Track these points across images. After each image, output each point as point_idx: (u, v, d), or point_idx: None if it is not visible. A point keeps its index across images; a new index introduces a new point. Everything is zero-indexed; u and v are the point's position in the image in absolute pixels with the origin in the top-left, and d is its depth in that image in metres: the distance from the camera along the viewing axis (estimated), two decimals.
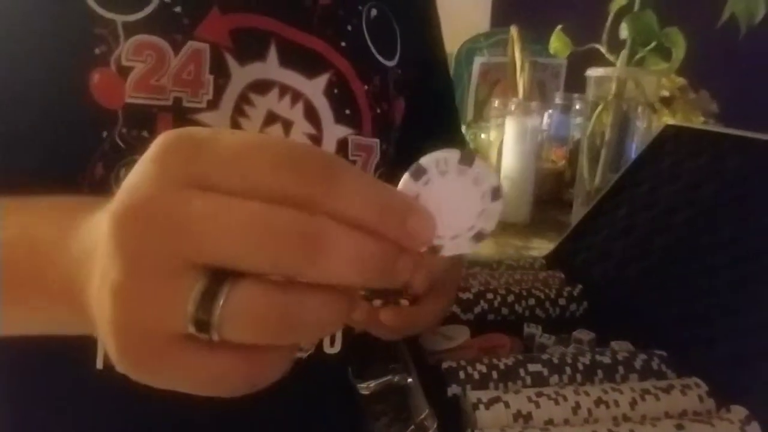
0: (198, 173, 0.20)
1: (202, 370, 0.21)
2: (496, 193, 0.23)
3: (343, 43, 0.47)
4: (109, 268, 0.20)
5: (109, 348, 0.21)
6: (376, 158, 0.50)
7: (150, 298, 0.20)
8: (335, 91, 0.47)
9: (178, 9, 0.40)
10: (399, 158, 0.53)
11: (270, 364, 0.22)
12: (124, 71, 0.38)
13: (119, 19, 0.39)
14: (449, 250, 0.24)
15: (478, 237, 0.24)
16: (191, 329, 0.20)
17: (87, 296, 0.23)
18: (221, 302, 0.19)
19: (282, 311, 0.20)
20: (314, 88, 0.45)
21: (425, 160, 0.22)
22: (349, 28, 0.49)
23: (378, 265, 0.21)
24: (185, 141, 0.21)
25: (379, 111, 0.50)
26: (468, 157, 0.22)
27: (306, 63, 0.46)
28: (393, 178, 0.23)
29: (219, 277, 0.20)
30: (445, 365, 0.47)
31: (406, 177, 0.22)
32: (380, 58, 0.51)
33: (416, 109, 0.57)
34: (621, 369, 0.48)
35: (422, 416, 0.43)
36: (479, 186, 0.23)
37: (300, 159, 0.20)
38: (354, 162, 0.50)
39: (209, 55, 0.41)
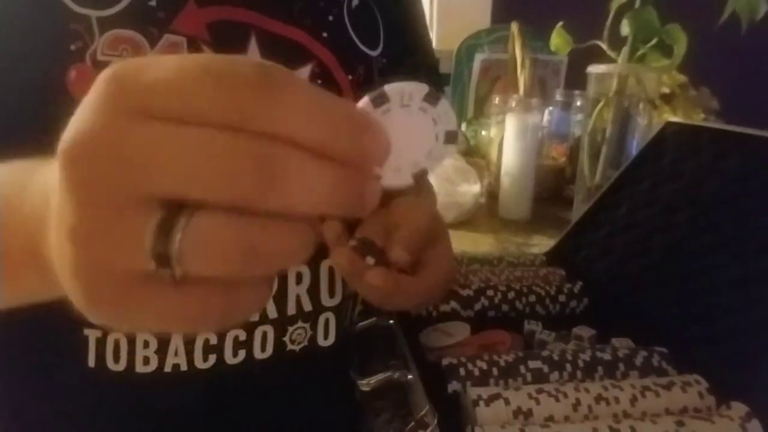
0: (140, 102, 0.19)
1: (169, 307, 0.20)
2: (450, 136, 0.23)
3: (324, 34, 0.47)
4: (64, 210, 0.20)
5: (74, 295, 0.21)
6: None
7: (107, 234, 0.19)
8: (318, 81, 0.47)
9: (152, 2, 0.40)
10: None
11: (239, 299, 0.21)
12: (100, 66, 0.38)
13: (94, 14, 0.39)
14: (388, 180, 0.23)
15: (419, 175, 0.23)
16: (152, 265, 0.19)
17: (47, 247, 0.23)
18: (179, 233, 0.19)
19: (242, 239, 0.19)
20: None
21: (390, 89, 0.21)
22: (331, 18, 0.49)
23: (339, 190, 0.20)
24: (125, 71, 0.20)
25: None
26: (433, 96, 0.22)
27: (288, 54, 0.45)
28: None
29: (176, 208, 0.19)
30: (445, 362, 0.47)
31: (366, 100, 0.21)
32: (363, 48, 0.51)
33: None
34: (621, 366, 0.48)
35: (422, 413, 0.43)
36: (436, 126, 0.22)
37: (242, 77, 0.19)
38: None
39: (186, 49, 0.41)
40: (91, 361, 0.42)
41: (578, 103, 1.24)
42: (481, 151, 1.28)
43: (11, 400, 0.46)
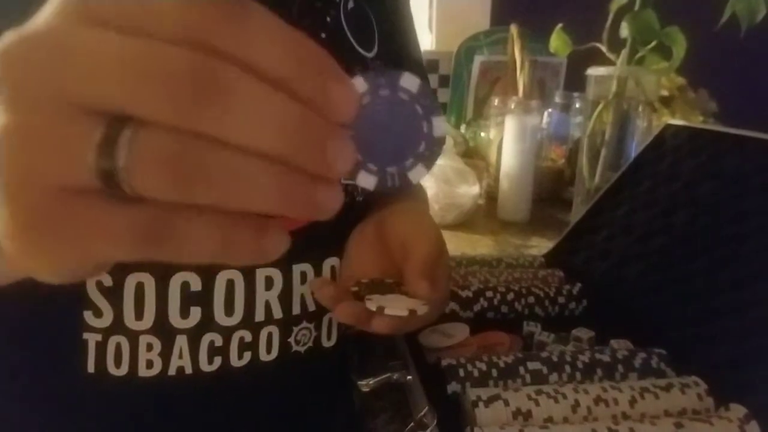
0: (90, 9, 0.18)
1: (117, 226, 0.18)
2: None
3: (322, 35, 0.47)
4: (0, 113, 0.18)
5: (3, 218, 0.18)
6: None
7: (44, 142, 0.18)
8: None
9: None
10: None
11: (195, 227, 0.19)
12: None
13: None
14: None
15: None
16: (97, 182, 0.18)
17: None
18: (125, 147, 0.17)
19: (191, 154, 0.18)
20: None
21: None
22: (328, 19, 0.49)
23: (298, 124, 0.18)
24: None
25: None
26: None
27: None
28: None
29: (121, 122, 0.18)
30: (444, 363, 0.47)
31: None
32: (360, 50, 0.51)
33: None
34: (620, 367, 0.48)
35: (422, 413, 0.43)
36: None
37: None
38: None
39: None
40: (91, 366, 0.42)
41: (577, 105, 1.25)
42: (480, 153, 1.28)
43: (7, 407, 0.45)
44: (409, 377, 0.48)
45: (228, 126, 0.18)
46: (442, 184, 1.01)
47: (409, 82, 0.21)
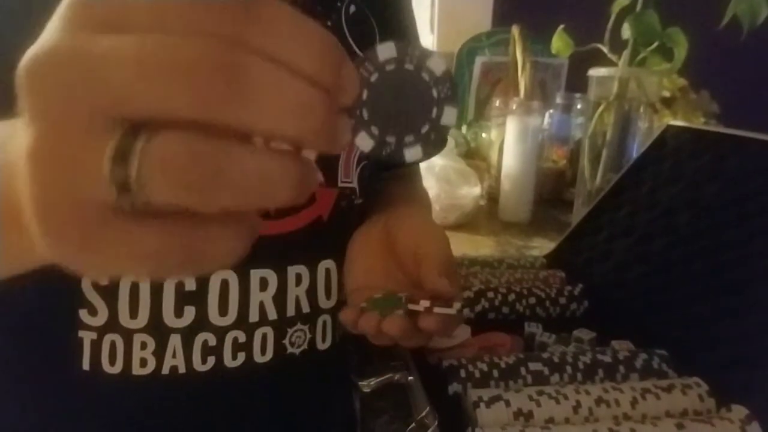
0: (105, 13, 0.18)
1: (136, 244, 0.18)
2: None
3: None
4: (27, 133, 0.18)
5: (37, 230, 0.19)
6: (359, 152, 0.50)
7: (68, 156, 0.18)
8: None
9: None
10: None
11: (206, 237, 0.19)
12: None
13: None
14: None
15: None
16: (114, 193, 0.18)
17: (20, 195, 0.20)
18: (137, 155, 0.17)
19: (206, 160, 0.17)
20: None
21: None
22: (329, 24, 0.49)
23: (317, 113, 0.19)
24: None
25: None
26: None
27: None
28: (375, 173, 0.22)
29: (136, 129, 0.17)
30: (446, 363, 0.47)
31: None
32: (361, 54, 0.51)
33: None
34: (622, 368, 0.48)
35: (423, 414, 0.43)
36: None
37: None
38: (336, 156, 0.50)
39: None
40: (86, 364, 0.42)
41: (579, 106, 1.25)
42: (481, 154, 1.28)
43: (1, 404, 0.45)
44: (410, 378, 0.48)
45: (254, 115, 0.18)
46: (443, 184, 1.01)
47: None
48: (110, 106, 0.17)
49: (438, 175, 1.01)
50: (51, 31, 0.19)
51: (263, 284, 0.45)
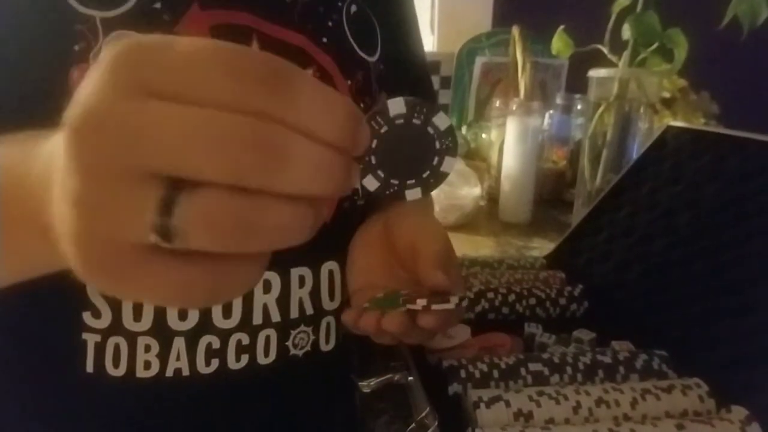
0: (149, 80, 0.20)
1: (167, 279, 0.21)
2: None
3: (324, 39, 0.47)
4: (68, 180, 0.20)
5: (74, 261, 0.21)
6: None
7: (110, 207, 0.20)
8: None
9: (158, 5, 0.40)
10: None
11: (235, 274, 0.22)
12: None
13: (98, 14, 0.39)
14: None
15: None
16: (154, 238, 0.20)
17: (49, 214, 0.23)
18: (180, 209, 0.19)
19: (240, 215, 0.20)
20: None
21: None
22: (330, 23, 0.49)
23: (337, 173, 0.21)
24: (136, 49, 0.20)
25: (362, 106, 0.50)
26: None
27: (288, 59, 0.45)
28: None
29: (179, 184, 0.20)
30: (446, 364, 0.47)
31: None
32: (362, 54, 0.51)
33: None
34: (622, 369, 0.48)
35: (423, 414, 0.43)
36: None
37: (252, 68, 0.20)
38: None
39: None
40: (89, 367, 0.42)
41: (579, 107, 1.25)
42: (481, 154, 1.28)
43: (5, 407, 0.45)
44: (410, 378, 0.48)
45: (283, 182, 0.20)
46: (443, 185, 1.00)
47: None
48: (156, 168, 0.19)
49: None
50: (96, 87, 0.20)
51: (267, 287, 0.45)
